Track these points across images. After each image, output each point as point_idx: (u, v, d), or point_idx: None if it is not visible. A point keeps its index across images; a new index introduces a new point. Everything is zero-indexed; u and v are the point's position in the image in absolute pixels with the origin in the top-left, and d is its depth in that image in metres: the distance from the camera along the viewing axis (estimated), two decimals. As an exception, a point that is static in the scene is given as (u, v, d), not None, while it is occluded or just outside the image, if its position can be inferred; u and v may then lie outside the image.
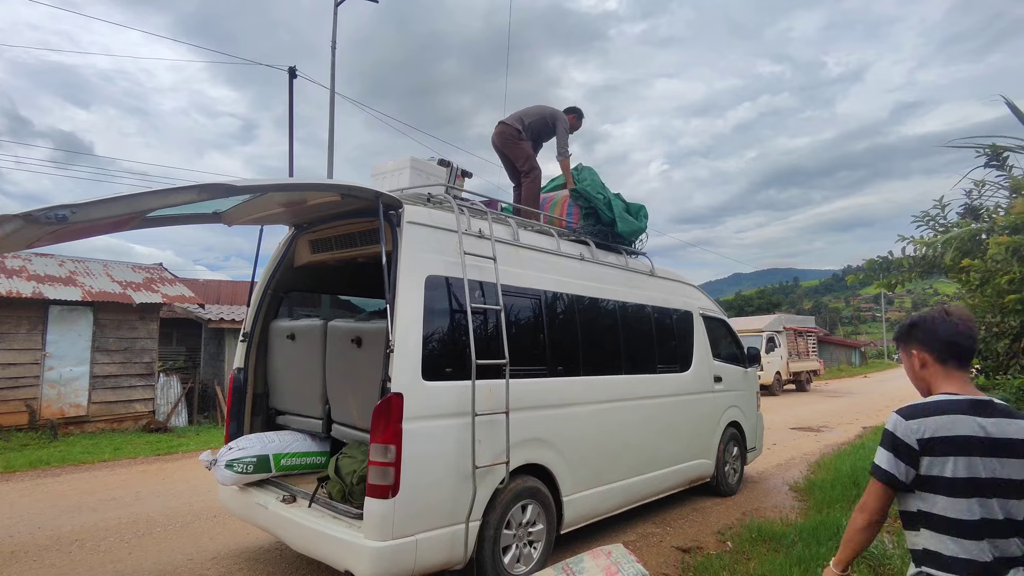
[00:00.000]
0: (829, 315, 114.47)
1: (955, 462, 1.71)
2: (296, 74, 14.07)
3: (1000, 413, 1.75)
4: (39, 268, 11.32)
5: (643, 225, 5.92)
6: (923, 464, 1.74)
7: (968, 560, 1.68)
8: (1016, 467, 1.71)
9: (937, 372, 1.87)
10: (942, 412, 1.75)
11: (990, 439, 1.71)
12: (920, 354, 1.90)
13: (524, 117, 6.04)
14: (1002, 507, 1.70)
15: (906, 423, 1.77)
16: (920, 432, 1.74)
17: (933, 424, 1.74)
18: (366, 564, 3.26)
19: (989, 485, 1.70)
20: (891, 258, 8.10)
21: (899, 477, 1.77)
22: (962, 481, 1.70)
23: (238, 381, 4.73)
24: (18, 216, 2.50)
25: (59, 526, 5.38)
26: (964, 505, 1.70)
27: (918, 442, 1.74)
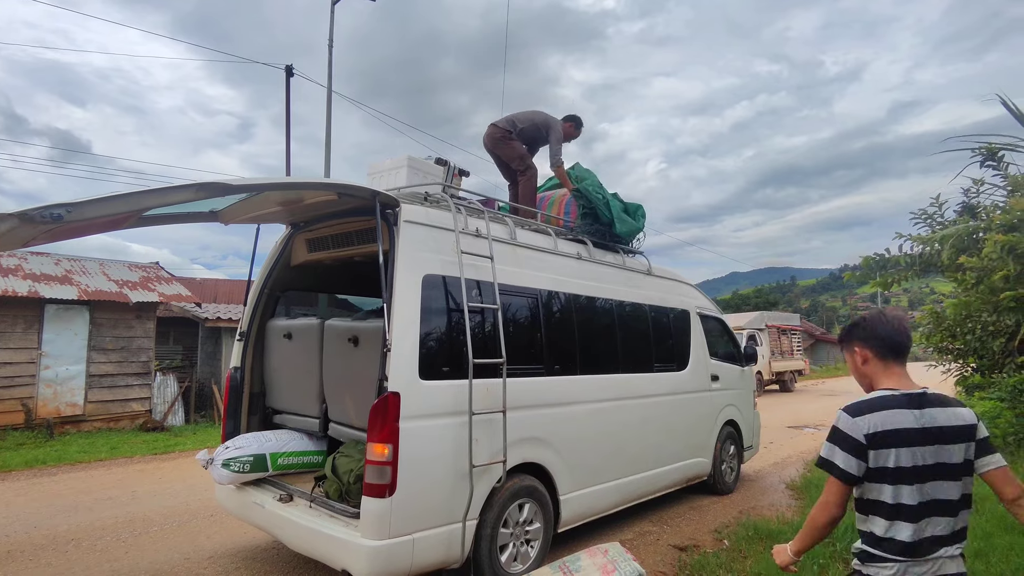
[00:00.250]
0: (826, 314, 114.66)
1: (897, 453, 1.84)
2: (293, 72, 14.05)
3: (933, 403, 1.90)
4: (35, 267, 11.28)
5: (640, 225, 5.92)
6: (871, 457, 1.86)
7: (902, 541, 1.83)
8: (948, 452, 1.86)
9: (878, 368, 2.01)
10: (883, 408, 1.88)
11: (924, 429, 1.85)
12: (862, 351, 2.04)
13: (516, 121, 5.97)
14: (937, 490, 1.84)
15: (853, 420, 1.89)
16: (866, 428, 1.86)
17: (876, 419, 1.86)
18: (363, 563, 3.26)
19: (927, 471, 1.84)
20: (888, 256, 8.13)
21: (853, 472, 1.88)
22: (905, 470, 1.84)
23: (235, 380, 4.72)
24: (13, 215, 2.49)
25: (55, 525, 5.36)
26: (906, 492, 1.84)
27: (865, 437, 1.86)
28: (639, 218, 5.90)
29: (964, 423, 1.89)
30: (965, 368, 9.43)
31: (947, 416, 1.89)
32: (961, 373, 9.76)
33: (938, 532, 1.84)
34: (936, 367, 10.09)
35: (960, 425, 1.88)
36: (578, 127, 6.32)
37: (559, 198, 5.97)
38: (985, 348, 8.04)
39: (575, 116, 6.34)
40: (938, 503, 1.84)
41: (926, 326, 9.13)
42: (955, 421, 1.89)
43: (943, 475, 1.85)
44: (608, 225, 5.53)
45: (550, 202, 6.00)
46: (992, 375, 8.34)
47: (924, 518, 1.84)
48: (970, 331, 8.09)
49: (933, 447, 1.85)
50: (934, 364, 10.07)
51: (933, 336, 8.88)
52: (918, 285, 13.23)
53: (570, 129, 6.23)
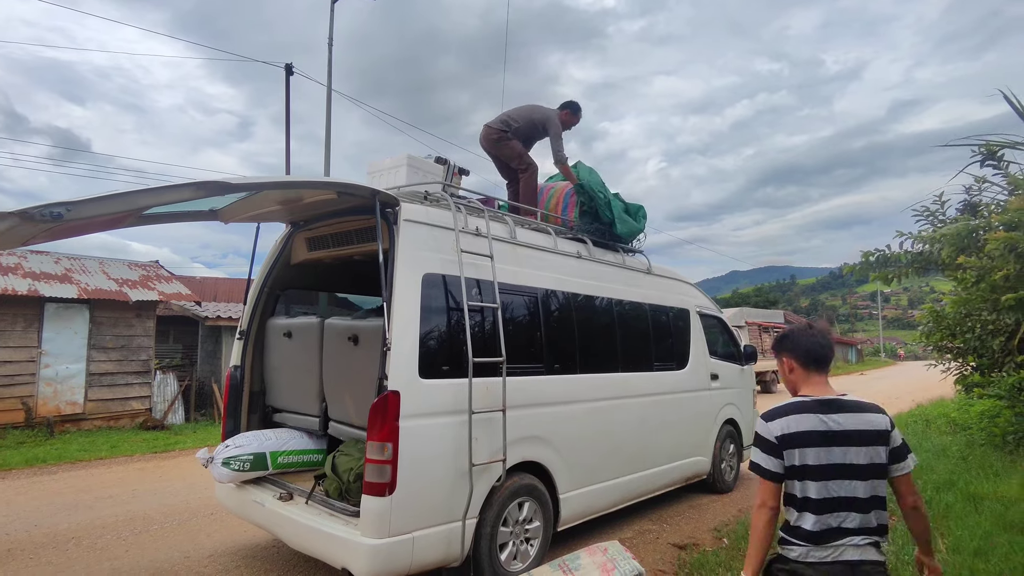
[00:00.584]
0: (826, 312, 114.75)
1: (803, 453, 2.04)
2: (293, 71, 14.04)
3: (845, 408, 2.08)
4: (35, 265, 11.28)
5: (641, 226, 5.90)
6: (784, 456, 2.06)
7: (807, 530, 2.04)
8: (855, 453, 2.03)
9: (801, 376, 2.21)
10: (793, 412, 2.08)
11: (832, 432, 2.04)
12: (789, 361, 2.24)
13: (511, 120, 5.85)
14: (841, 487, 2.02)
15: (767, 425, 2.10)
16: (778, 431, 2.07)
17: (786, 423, 2.07)
18: (363, 561, 3.26)
19: (831, 470, 2.02)
20: (888, 253, 8.13)
21: (775, 470, 2.07)
22: (811, 468, 2.03)
23: (235, 379, 4.73)
24: (14, 213, 2.49)
25: (56, 524, 5.37)
26: (812, 487, 2.03)
27: (777, 439, 2.07)
28: (640, 219, 5.88)
29: (874, 428, 2.06)
30: (965, 367, 9.43)
31: (856, 421, 2.06)
32: (961, 372, 9.76)
33: (845, 524, 2.02)
34: (936, 366, 10.09)
35: (870, 430, 2.06)
36: (575, 112, 6.17)
37: (559, 190, 5.91)
38: (985, 347, 8.04)
39: (571, 102, 6.18)
40: (843, 499, 2.02)
41: (926, 325, 9.13)
42: (864, 426, 2.06)
43: (848, 474, 2.03)
44: (608, 225, 5.52)
45: (549, 194, 5.94)
46: (992, 374, 8.34)
47: (828, 511, 2.02)
48: (970, 330, 8.08)
49: (838, 448, 2.03)
50: (934, 363, 10.07)
51: (933, 335, 8.88)
52: (918, 284, 13.22)
53: (567, 117, 6.08)
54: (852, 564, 2.00)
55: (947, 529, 4.94)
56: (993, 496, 5.62)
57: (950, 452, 7.79)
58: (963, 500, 5.59)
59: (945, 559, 4.33)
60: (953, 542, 4.62)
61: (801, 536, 2.05)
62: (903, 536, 4.84)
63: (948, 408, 12.40)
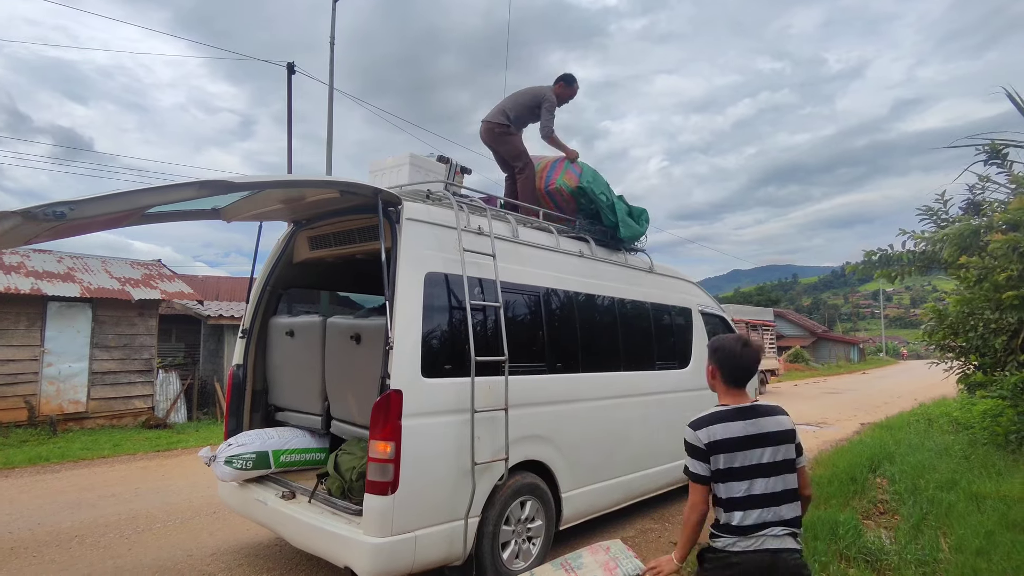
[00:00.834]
0: (828, 311, 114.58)
1: (730, 457, 2.25)
2: (295, 70, 14.04)
3: (760, 413, 2.33)
4: (37, 264, 11.30)
5: (643, 229, 5.85)
6: (712, 461, 2.27)
7: (734, 525, 2.24)
8: (771, 452, 2.28)
9: (721, 386, 2.44)
10: (717, 421, 2.30)
11: (750, 436, 2.27)
12: (713, 369, 2.46)
13: (507, 110, 5.71)
14: (761, 485, 2.25)
15: (695, 433, 2.31)
16: (705, 439, 2.28)
17: (711, 431, 2.28)
18: (366, 560, 3.27)
19: (752, 470, 2.25)
20: (891, 252, 8.11)
21: (703, 474, 2.28)
22: (736, 470, 2.25)
23: (237, 378, 4.73)
24: (16, 212, 2.50)
25: (59, 522, 5.38)
26: (737, 487, 2.25)
27: (706, 446, 2.27)
28: (643, 222, 5.82)
29: (785, 429, 2.32)
30: (967, 366, 9.41)
31: (772, 424, 2.31)
32: (963, 371, 9.74)
33: (766, 518, 2.24)
34: (938, 365, 10.07)
35: (783, 430, 2.31)
36: (570, 84, 5.97)
37: (543, 165, 5.71)
38: (987, 346, 8.02)
39: (566, 75, 5.99)
40: (764, 495, 2.25)
41: (928, 323, 9.11)
42: (778, 427, 2.31)
43: (767, 472, 2.27)
44: (612, 228, 5.51)
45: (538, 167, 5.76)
46: (994, 373, 8.32)
47: (751, 507, 2.24)
48: (972, 328, 8.06)
49: (760, 450, 2.27)
50: (936, 362, 10.05)
51: (935, 334, 8.86)
52: (920, 282, 13.20)
53: (562, 90, 5.91)
54: (772, 552, 2.22)
55: (949, 528, 4.94)
56: (996, 495, 5.61)
57: (952, 451, 7.78)
58: (965, 499, 5.58)
59: (947, 558, 4.33)
60: (955, 541, 4.62)
61: (729, 531, 2.26)
62: (906, 535, 4.84)
63: (950, 407, 12.38)
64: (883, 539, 4.81)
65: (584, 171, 5.60)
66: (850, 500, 6.07)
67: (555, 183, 5.53)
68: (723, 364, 2.43)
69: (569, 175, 5.52)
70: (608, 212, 5.43)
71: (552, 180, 5.57)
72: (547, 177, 5.62)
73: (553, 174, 5.59)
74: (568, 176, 5.53)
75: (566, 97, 6.00)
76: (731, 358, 2.41)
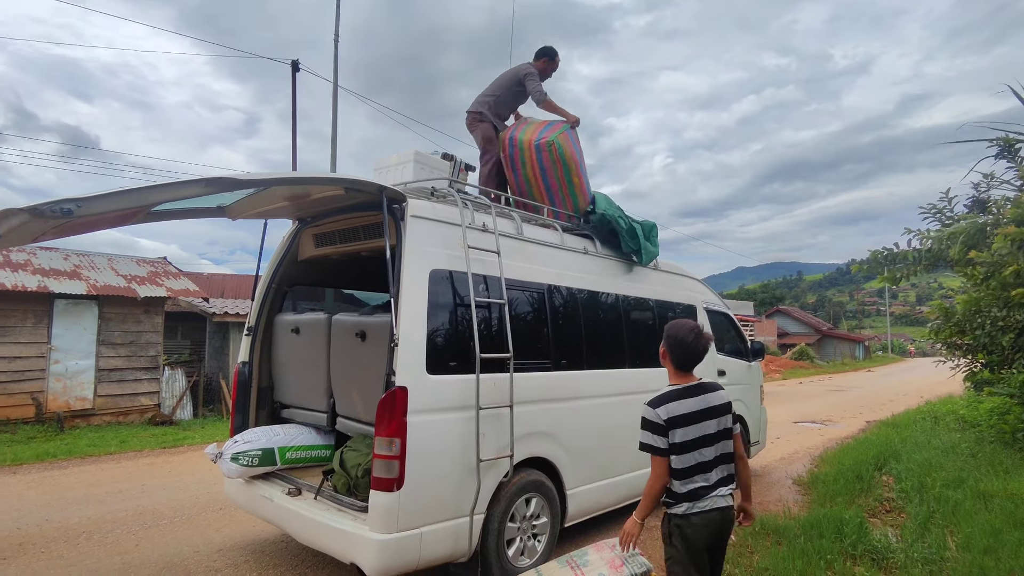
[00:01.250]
0: (833, 309, 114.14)
1: (683, 431, 2.60)
2: (299, 68, 14.04)
3: (707, 390, 2.71)
4: (44, 262, 11.36)
5: (658, 249, 5.77)
6: (670, 435, 2.59)
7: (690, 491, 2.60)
8: (717, 423, 2.65)
9: (671, 368, 2.79)
10: (673, 399, 2.64)
11: (701, 410, 2.64)
12: (665, 351, 2.79)
13: (490, 98, 5.62)
14: (709, 452, 2.63)
15: (655, 411, 2.62)
16: (664, 415, 2.60)
17: (669, 408, 2.61)
18: (371, 556, 3.28)
19: (701, 440, 2.62)
20: (896, 250, 8.07)
21: (663, 447, 2.60)
22: (690, 442, 2.60)
23: (243, 375, 4.75)
24: (24, 210, 2.51)
25: (66, 518, 5.42)
26: (690, 457, 2.60)
27: (665, 421, 2.59)
28: (654, 242, 5.72)
29: (725, 402, 2.72)
30: (974, 364, 9.37)
31: (716, 398, 2.70)
32: (970, 368, 9.70)
33: (712, 481, 2.62)
34: (944, 363, 10.03)
35: (724, 404, 2.71)
36: (552, 58, 5.83)
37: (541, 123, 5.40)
38: (994, 343, 7.97)
39: (547, 48, 5.84)
40: (710, 461, 2.63)
41: (935, 321, 9.06)
42: (720, 401, 2.70)
43: (713, 441, 2.64)
44: (632, 253, 5.47)
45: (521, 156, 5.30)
46: (1001, 371, 8.28)
47: (701, 472, 2.61)
48: (979, 326, 8.02)
49: (709, 421, 2.64)
50: (943, 360, 10.01)
51: (942, 332, 8.82)
52: (926, 280, 13.14)
53: (544, 65, 5.78)
54: (720, 510, 2.62)
55: (956, 527, 4.92)
56: (1003, 493, 5.58)
57: (959, 449, 7.75)
58: (972, 497, 5.55)
59: (954, 556, 4.31)
60: (962, 540, 4.60)
61: (683, 497, 2.60)
62: (912, 533, 4.82)
63: (957, 405, 12.32)
64: (889, 537, 4.79)
65: (598, 198, 5.51)
66: (856, 498, 6.05)
67: (548, 138, 5.20)
68: (673, 349, 2.75)
69: (565, 137, 5.23)
70: (628, 239, 5.38)
71: (545, 136, 5.24)
72: (540, 132, 5.31)
73: (547, 132, 5.29)
74: (563, 138, 5.21)
75: (548, 72, 5.85)
76: (682, 345, 2.72)
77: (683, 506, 2.61)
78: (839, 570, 4.08)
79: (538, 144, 5.21)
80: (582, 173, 5.33)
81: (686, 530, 2.61)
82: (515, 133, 5.38)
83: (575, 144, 5.35)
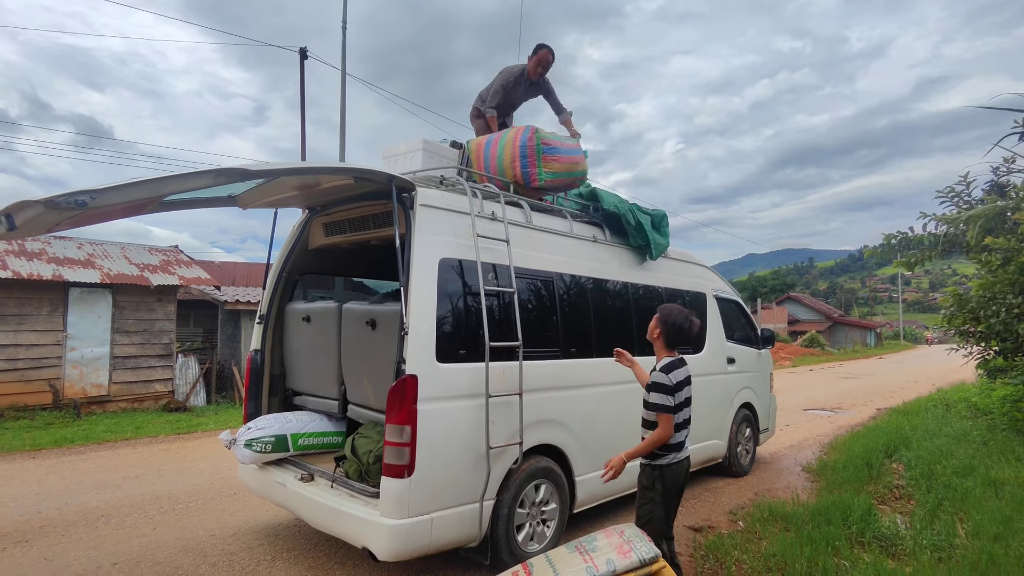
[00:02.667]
0: (845, 296, 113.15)
1: (681, 393, 3.22)
2: (307, 55, 14.00)
3: (685, 363, 3.31)
4: (58, 251, 11.50)
5: (668, 240, 5.71)
6: (675, 396, 3.18)
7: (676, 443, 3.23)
8: (690, 390, 3.30)
9: (661, 346, 3.36)
10: (676, 367, 3.24)
11: (686, 378, 3.26)
12: (660, 332, 3.33)
13: (486, 96, 5.66)
14: (686, 413, 3.28)
15: (667, 375, 3.19)
16: (674, 379, 3.20)
17: (676, 374, 3.22)
18: (383, 541, 3.33)
19: (685, 403, 3.26)
20: (911, 235, 7.97)
21: (671, 405, 3.16)
22: (681, 403, 3.23)
23: (255, 362, 4.80)
24: (40, 202, 2.54)
25: (85, 502, 5.54)
26: (681, 416, 3.25)
27: (675, 384, 3.19)
28: (664, 232, 5.65)
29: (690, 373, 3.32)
30: (987, 351, 9.28)
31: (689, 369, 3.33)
32: (983, 356, 9.61)
33: (685, 437, 3.31)
34: (957, 350, 9.94)
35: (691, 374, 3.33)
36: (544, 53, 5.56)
37: (510, 140, 4.82)
38: (1009, 331, 7.88)
39: (538, 45, 5.61)
40: (687, 420, 3.30)
41: (948, 308, 8.97)
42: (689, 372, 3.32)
43: (688, 404, 3.30)
44: (641, 248, 5.44)
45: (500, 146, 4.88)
46: (1016, 358, 8.20)
47: (683, 429, 3.28)
48: (994, 314, 7.94)
49: (689, 387, 3.29)
50: (955, 347, 9.92)
51: (956, 319, 8.74)
52: (940, 266, 12.98)
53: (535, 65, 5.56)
54: (688, 459, 3.33)
55: (966, 514, 4.91)
56: (1015, 481, 5.56)
57: (971, 437, 7.71)
58: (983, 485, 5.53)
59: (964, 544, 4.31)
60: (972, 527, 4.59)
61: (671, 448, 3.22)
62: (922, 520, 4.82)
63: (969, 393, 12.23)
64: (898, 524, 4.80)
65: (601, 194, 5.45)
66: (865, 485, 6.05)
67: None
68: (670, 333, 3.30)
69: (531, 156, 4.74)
70: (636, 235, 5.36)
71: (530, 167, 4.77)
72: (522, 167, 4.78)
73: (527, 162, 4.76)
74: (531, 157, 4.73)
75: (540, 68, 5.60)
76: (679, 331, 3.29)
77: (669, 456, 3.22)
78: (847, 556, 4.10)
79: None
80: None
81: (668, 477, 3.23)
82: None
83: None
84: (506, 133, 4.95)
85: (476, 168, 4.99)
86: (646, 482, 3.28)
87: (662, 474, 3.23)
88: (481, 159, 4.98)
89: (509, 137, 4.85)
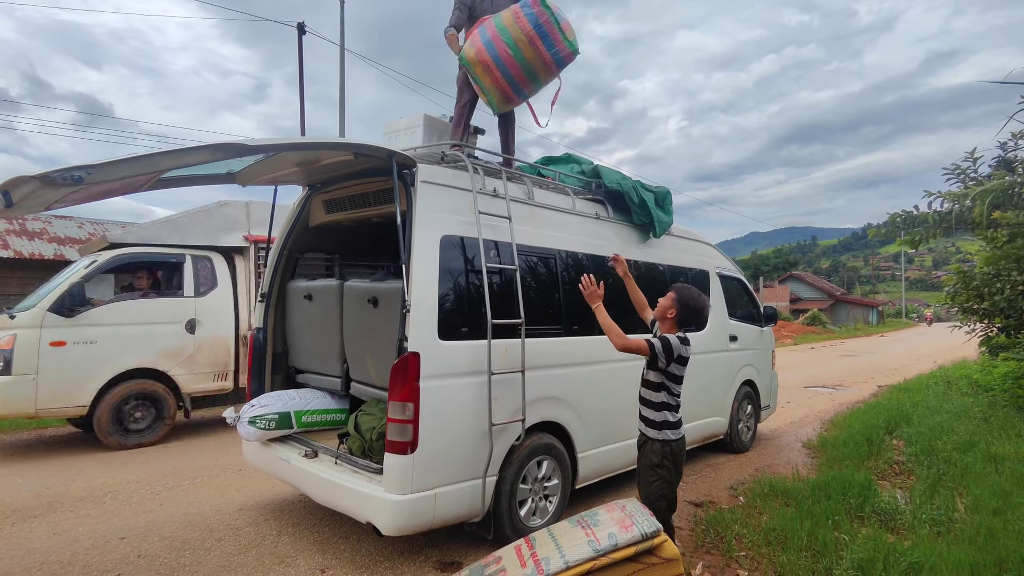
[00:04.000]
0: (847, 274, 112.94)
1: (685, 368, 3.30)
2: (305, 30, 13.78)
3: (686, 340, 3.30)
4: (59, 230, 11.48)
5: (672, 218, 5.65)
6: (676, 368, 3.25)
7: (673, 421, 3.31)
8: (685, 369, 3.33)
9: (672, 325, 3.35)
10: (687, 343, 3.27)
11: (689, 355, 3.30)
12: (676, 312, 3.31)
13: None
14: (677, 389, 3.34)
15: (684, 346, 3.23)
16: (686, 353, 3.25)
17: (689, 351, 3.28)
18: (387, 516, 3.37)
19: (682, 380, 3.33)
20: (916, 213, 7.90)
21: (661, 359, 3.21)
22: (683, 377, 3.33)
23: (258, 341, 4.81)
24: (35, 178, 2.51)
25: (91, 478, 5.60)
26: (682, 390, 3.34)
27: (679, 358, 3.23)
28: (668, 210, 5.58)
29: None
30: (990, 328, 9.27)
31: None
32: (986, 333, 9.60)
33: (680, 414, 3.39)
34: (960, 328, 9.93)
35: None
36: None
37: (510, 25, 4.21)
38: (1013, 308, 7.87)
39: None
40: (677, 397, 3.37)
41: (953, 286, 8.94)
42: None
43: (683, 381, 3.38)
44: (644, 226, 5.38)
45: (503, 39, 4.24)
46: (1019, 335, 8.20)
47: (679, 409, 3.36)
48: (999, 291, 7.91)
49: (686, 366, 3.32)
50: (959, 325, 9.91)
51: (959, 296, 8.71)
52: (943, 244, 12.89)
53: None
54: (683, 437, 3.36)
55: (966, 489, 4.95)
56: (1015, 457, 5.59)
57: (971, 413, 7.74)
58: (983, 461, 5.57)
59: (963, 518, 4.34)
60: (972, 502, 4.63)
61: (676, 425, 3.31)
62: (921, 495, 4.85)
63: (971, 370, 12.26)
64: (898, 499, 4.84)
65: (604, 172, 5.35)
66: (865, 461, 6.09)
67: None
68: (686, 314, 3.31)
69: None
70: (640, 212, 5.29)
71: None
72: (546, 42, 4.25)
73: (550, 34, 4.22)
74: None
75: None
76: (696, 313, 3.32)
77: (677, 432, 3.30)
78: (846, 530, 4.14)
79: None
80: None
81: (677, 452, 3.30)
82: None
83: None
84: (497, 22, 4.20)
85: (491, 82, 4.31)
86: (656, 460, 3.28)
87: (671, 451, 3.27)
88: (492, 68, 4.22)
89: (506, 23, 4.13)
